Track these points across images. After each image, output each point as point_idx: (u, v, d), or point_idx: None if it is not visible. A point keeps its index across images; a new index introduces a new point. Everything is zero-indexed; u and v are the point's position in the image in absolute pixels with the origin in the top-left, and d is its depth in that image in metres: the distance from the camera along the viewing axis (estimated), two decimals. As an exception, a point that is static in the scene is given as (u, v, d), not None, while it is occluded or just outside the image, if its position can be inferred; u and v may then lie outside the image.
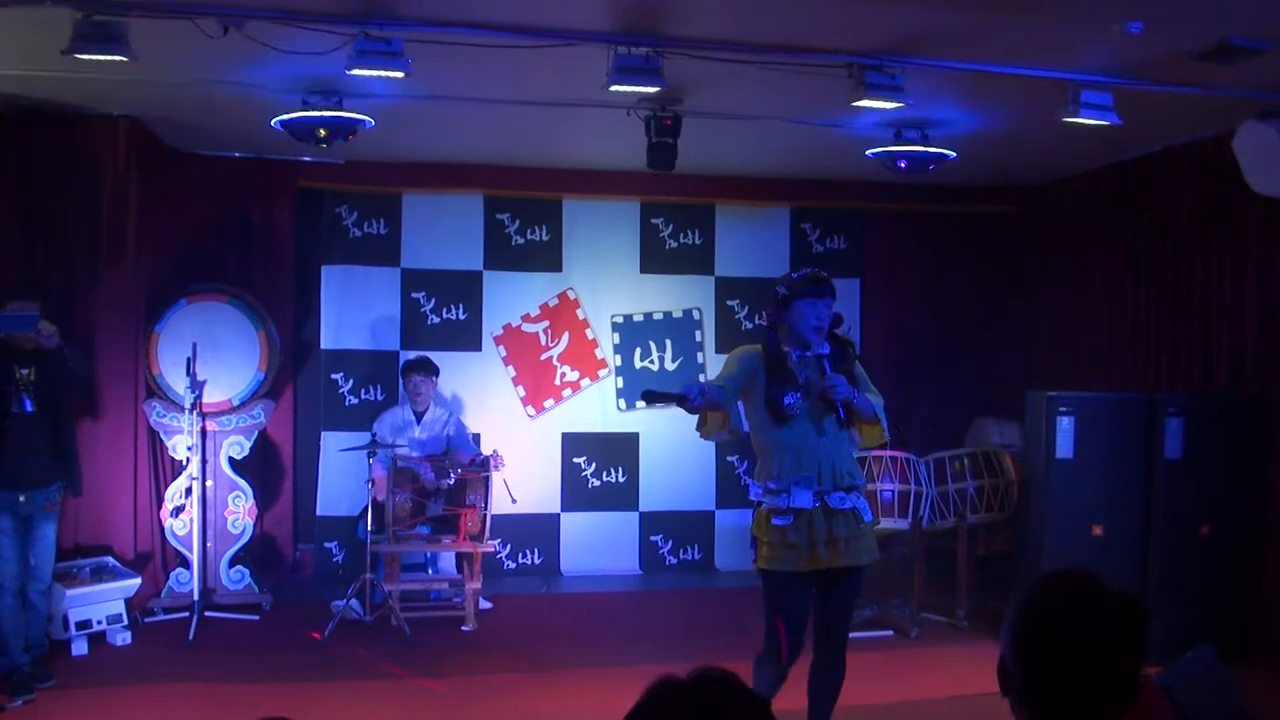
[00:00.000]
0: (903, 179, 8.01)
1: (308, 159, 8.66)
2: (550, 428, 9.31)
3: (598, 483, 9.38)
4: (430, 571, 8.20)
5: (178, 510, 7.63)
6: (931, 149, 7.40)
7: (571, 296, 9.36)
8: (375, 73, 5.40)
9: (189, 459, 7.56)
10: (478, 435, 8.68)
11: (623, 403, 9.44)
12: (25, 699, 5.83)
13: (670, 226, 9.53)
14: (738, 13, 5.27)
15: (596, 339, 9.41)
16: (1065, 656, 1.90)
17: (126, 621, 7.02)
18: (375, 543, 7.29)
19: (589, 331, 9.40)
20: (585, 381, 9.39)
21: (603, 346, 9.42)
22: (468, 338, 9.19)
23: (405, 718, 5.87)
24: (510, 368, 9.26)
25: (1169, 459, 6.77)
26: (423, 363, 8.20)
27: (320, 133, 6.58)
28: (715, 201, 9.55)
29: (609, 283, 9.42)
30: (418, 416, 8.11)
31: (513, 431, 9.05)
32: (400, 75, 5.40)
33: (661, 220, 9.51)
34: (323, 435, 8.91)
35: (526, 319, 9.30)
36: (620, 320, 9.46)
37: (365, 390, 8.96)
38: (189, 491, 7.57)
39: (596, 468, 9.38)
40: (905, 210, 9.65)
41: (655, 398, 4.49)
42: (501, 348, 9.25)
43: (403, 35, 5.29)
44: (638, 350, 9.46)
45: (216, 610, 7.58)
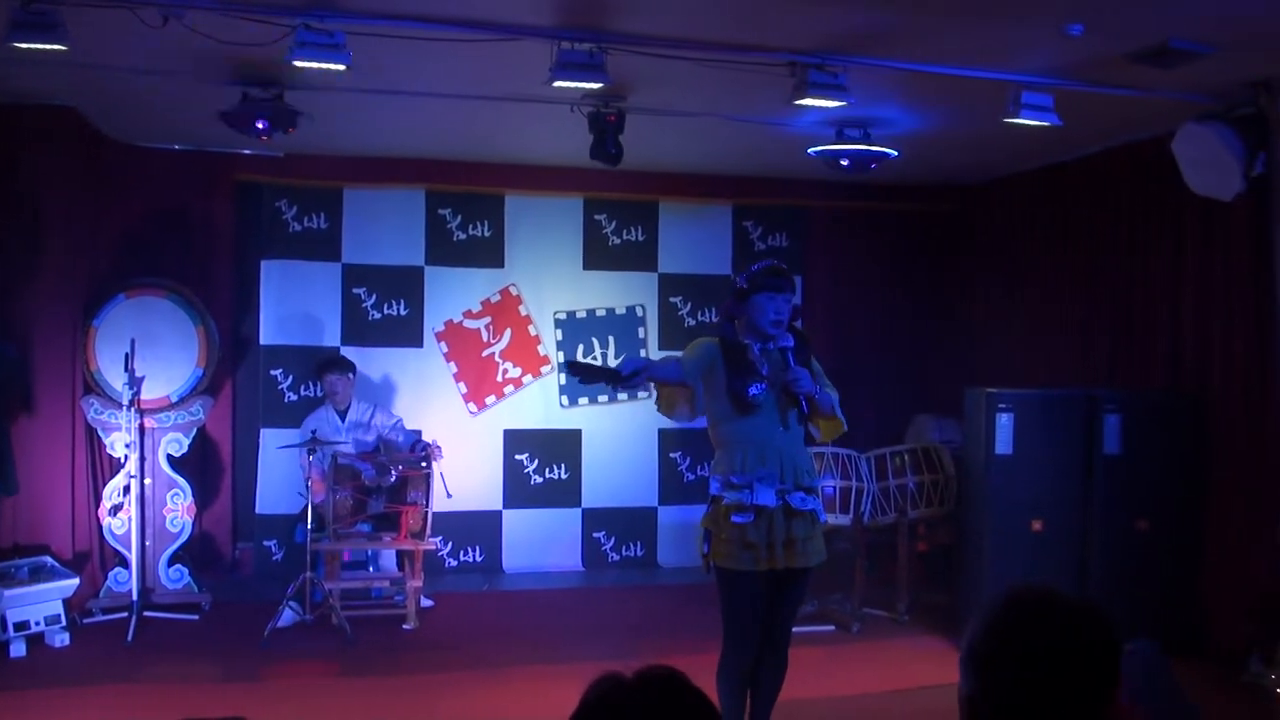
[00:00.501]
0: (845, 177, 8.03)
1: (247, 152, 8.56)
2: (492, 424, 9.27)
3: (540, 480, 9.34)
4: (371, 569, 8.13)
5: (116, 509, 7.50)
6: (873, 148, 7.43)
7: (514, 293, 9.32)
8: (316, 65, 5.33)
9: (127, 456, 7.45)
10: (401, 420, 8.36)
11: (565, 399, 9.42)
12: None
13: (613, 223, 9.51)
14: (682, 10, 5.26)
15: (539, 335, 9.37)
16: (1027, 671, 1.79)
17: (65, 622, 6.88)
18: (315, 540, 7.22)
19: (531, 328, 9.35)
20: (528, 378, 9.35)
21: (545, 343, 9.38)
22: (409, 334, 9.12)
23: (345, 717, 5.82)
24: (452, 364, 9.20)
25: (1107, 455, 6.86)
26: (336, 360, 8.13)
27: (259, 125, 6.51)
28: (659, 198, 9.53)
29: (552, 279, 9.38)
30: (341, 415, 8.02)
31: (454, 428, 8.97)
32: (342, 68, 5.33)
33: (604, 216, 9.49)
34: (262, 432, 8.80)
35: (468, 315, 9.25)
36: (563, 317, 9.43)
37: (305, 387, 8.84)
38: (127, 489, 7.45)
39: (539, 464, 9.35)
40: (847, 208, 9.73)
41: (579, 369, 4.38)
42: (443, 344, 9.19)
43: (344, 27, 5.23)
44: (580, 347, 9.43)
45: (155, 610, 7.46)
